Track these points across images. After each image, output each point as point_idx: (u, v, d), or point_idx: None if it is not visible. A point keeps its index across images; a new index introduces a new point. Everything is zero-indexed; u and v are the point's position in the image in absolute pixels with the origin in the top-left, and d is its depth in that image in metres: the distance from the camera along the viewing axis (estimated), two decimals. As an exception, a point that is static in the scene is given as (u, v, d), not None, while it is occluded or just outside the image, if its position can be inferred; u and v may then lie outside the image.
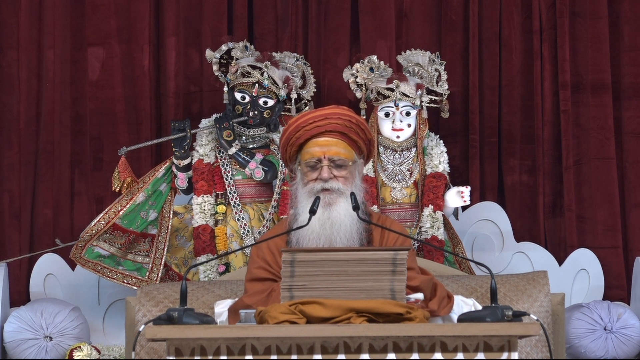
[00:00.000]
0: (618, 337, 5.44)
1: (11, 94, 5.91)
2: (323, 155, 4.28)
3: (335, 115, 4.32)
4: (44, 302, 5.51)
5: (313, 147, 4.30)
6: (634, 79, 5.96)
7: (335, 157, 4.28)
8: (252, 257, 4.36)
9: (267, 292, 4.19)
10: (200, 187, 5.44)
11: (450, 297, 4.26)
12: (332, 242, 4.21)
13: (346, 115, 4.33)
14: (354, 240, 4.24)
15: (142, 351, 4.58)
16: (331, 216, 4.21)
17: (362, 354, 3.69)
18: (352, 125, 4.31)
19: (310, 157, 4.29)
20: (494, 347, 3.71)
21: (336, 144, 4.30)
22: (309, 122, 4.31)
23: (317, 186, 4.26)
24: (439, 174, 5.47)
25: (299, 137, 4.32)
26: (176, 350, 3.70)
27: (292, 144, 4.34)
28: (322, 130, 4.30)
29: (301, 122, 4.32)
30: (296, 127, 4.33)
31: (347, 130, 4.31)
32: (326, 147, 4.29)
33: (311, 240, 4.22)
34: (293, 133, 4.33)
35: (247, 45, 5.58)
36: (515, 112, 5.98)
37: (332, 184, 4.26)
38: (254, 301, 4.17)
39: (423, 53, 5.63)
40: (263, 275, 4.28)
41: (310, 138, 4.31)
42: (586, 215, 5.92)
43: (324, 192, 4.24)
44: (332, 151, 4.29)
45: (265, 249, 4.33)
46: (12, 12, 5.93)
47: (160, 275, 5.39)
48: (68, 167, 5.92)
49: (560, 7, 5.94)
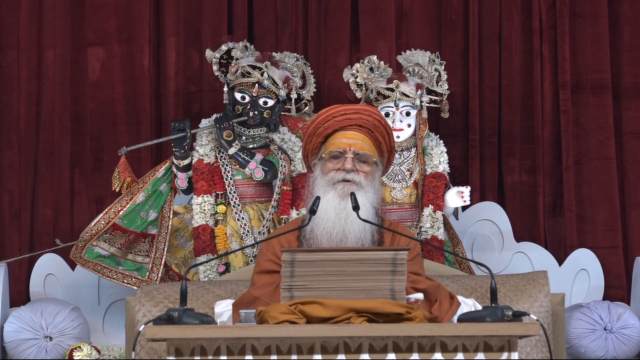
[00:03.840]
0: (618, 337, 5.44)
1: (11, 94, 5.92)
2: (349, 147, 4.29)
3: (366, 112, 4.34)
4: (44, 302, 5.51)
5: (340, 139, 4.31)
6: (634, 79, 5.96)
7: (361, 151, 4.29)
8: (262, 251, 4.36)
9: (275, 285, 4.18)
10: (200, 187, 5.44)
11: (452, 307, 4.25)
12: (345, 234, 4.21)
13: (377, 114, 4.37)
14: (366, 235, 4.24)
15: (142, 351, 4.58)
16: (347, 207, 4.19)
17: (362, 354, 3.69)
18: (380, 125, 4.34)
19: (336, 147, 4.30)
20: (494, 347, 3.71)
21: (362, 139, 4.32)
22: (340, 114, 4.33)
23: (338, 176, 4.26)
24: (439, 174, 5.47)
25: (327, 127, 4.33)
26: (176, 350, 3.70)
27: (319, 134, 4.34)
28: (351, 123, 4.32)
29: (333, 112, 4.34)
30: (326, 117, 4.33)
31: (375, 129, 4.33)
32: (353, 140, 4.30)
33: (325, 229, 4.21)
34: (322, 122, 4.34)
35: (247, 45, 5.58)
36: (515, 112, 5.99)
37: (353, 176, 4.26)
38: (262, 293, 4.17)
39: (423, 53, 5.63)
40: (272, 268, 4.28)
41: (338, 129, 4.32)
42: (586, 215, 5.92)
43: (344, 183, 4.24)
44: (359, 145, 4.29)
45: (275, 243, 4.33)
46: (12, 12, 5.93)
47: (160, 275, 5.39)
48: (68, 167, 5.92)
49: (560, 7, 5.94)
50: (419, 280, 4.20)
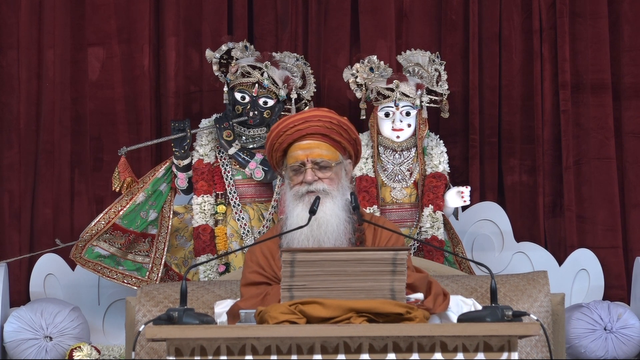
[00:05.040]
0: (618, 337, 5.44)
1: (11, 94, 5.92)
2: (306, 158, 4.30)
3: (315, 118, 4.33)
4: (44, 302, 5.51)
5: (296, 151, 4.32)
6: (634, 79, 5.96)
7: (318, 159, 4.30)
8: (246, 262, 4.37)
9: (262, 296, 4.20)
10: (200, 187, 5.44)
11: (445, 295, 4.26)
12: (320, 242, 4.21)
13: (326, 116, 4.34)
14: (342, 240, 4.24)
15: (142, 351, 4.58)
16: (318, 217, 4.21)
17: (362, 354, 3.69)
18: (333, 126, 4.33)
19: (294, 161, 4.31)
20: (494, 347, 3.71)
21: (318, 146, 4.32)
22: (290, 127, 4.33)
23: (302, 189, 4.29)
24: (439, 174, 5.47)
25: (281, 142, 4.34)
26: (176, 350, 3.70)
27: (277, 150, 4.37)
28: (303, 133, 4.32)
29: (282, 127, 4.35)
30: (278, 133, 4.35)
31: (328, 131, 4.32)
32: (308, 149, 4.31)
33: (300, 242, 4.23)
34: (275, 139, 4.35)
35: (247, 45, 5.58)
36: (515, 112, 5.98)
37: (316, 186, 4.27)
38: (249, 305, 4.17)
39: (423, 53, 5.63)
40: (257, 280, 4.29)
41: (292, 142, 4.33)
42: (586, 215, 5.92)
43: (309, 195, 4.26)
44: (315, 153, 4.30)
45: (258, 253, 4.34)
46: (12, 12, 5.93)
47: (160, 275, 5.40)
48: (68, 167, 5.92)
49: (560, 7, 5.94)
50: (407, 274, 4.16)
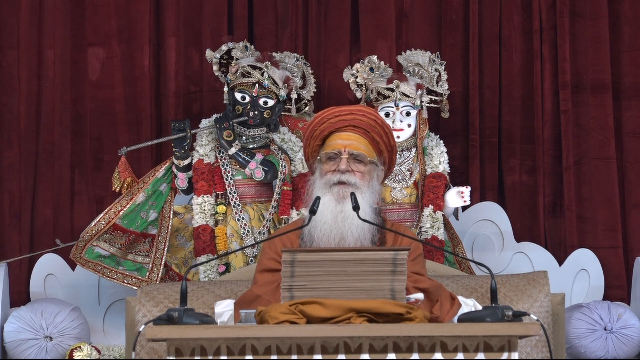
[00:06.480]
0: (618, 337, 5.44)
1: (11, 94, 5.92)
2: (344, 148, 4.31)
3: (360, 112, 4.37)
4: (44, 302, 5.51)
5: (336, 140, 4.34)
6: (634, 79, 5.96)
7: (355, 151, 4.32)
8: (264, 249, 4.37)
9: (277, 283, 4.18)
10: (200, 187, 5.44)
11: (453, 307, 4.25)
12: (343, 236, 4.22)
13: (372, 114, 4.39)
14: (365, 236, 4.25)
15: (142, 351, 4.58)
16: (344, 209, 4.21)
17: (362, 354, 3.69)
18: (376, 125, 4.36)
19: (332, 149, 4.33)
20: (494, 347, 3.71)
21: (358, 139, 4.35)
22: (335, 115, 4.36)
23: (333, 178, 4.29)
24: (439, 174, 5.47)
25: (323, 129, 4.36)
26: (176, 350, 3.70)
27: (316, 137, 4.38)
28: (346, 124, 4.35)
29: (327, 115, 4.37)
30: (321, 120, 4.37)
31: (370, 128, 4.34)
32: (347, 141, 4.33)
33: (323, 232, 4.23)
34: (317, 125, 4.38)
35: (247, 45, 5.58)
36: (515, 112, 5.99)
37: (348, 177, 4.27)
38: (263, 291, 4.18)
39: (423, 53, 5.63)
40: (274, 267, 4.28)
41: (334, 131, 4.35)
42: (586, 215, 5.92)
43: (339, 186, 4.26)
44: (353, 146, 4.32)
45: (277, 242, 4.36)
46: (12, 12, 5.93)
47: (160, 275, 5.40)
48: (68, 167, 5.92)
49: (560, 7, 5.94)
50: (421, 280, 4.21)
